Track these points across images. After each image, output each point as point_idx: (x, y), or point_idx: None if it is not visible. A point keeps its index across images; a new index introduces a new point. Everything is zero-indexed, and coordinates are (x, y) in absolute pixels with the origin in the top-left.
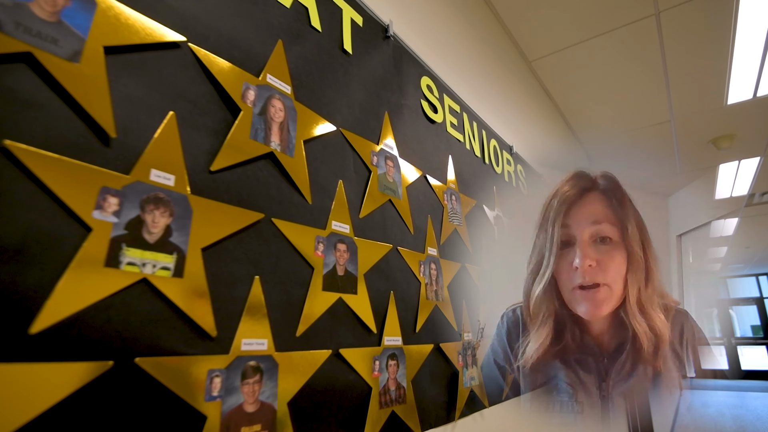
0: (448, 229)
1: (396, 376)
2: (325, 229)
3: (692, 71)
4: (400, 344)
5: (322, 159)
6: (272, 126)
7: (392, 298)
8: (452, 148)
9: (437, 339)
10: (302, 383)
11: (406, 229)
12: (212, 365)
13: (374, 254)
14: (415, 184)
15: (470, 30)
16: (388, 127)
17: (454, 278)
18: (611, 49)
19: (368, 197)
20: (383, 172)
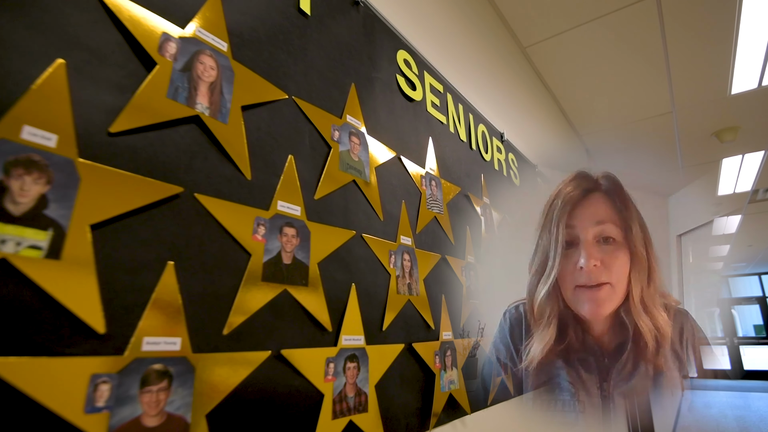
0: (426, 217)
1: (355, 381)
2: (269, 210)
3: (694, 58)
4: (361, 344)
5: (268, 130)
6: (199, 85)
7: (353, 291)
8: (433, 130)
9: (409, 338)
10: (228, 391)
11: (374, 214)
12: (97, 369)
13: (332, 241)
14: (387, 165)
15: (456, 8)
16: (355, 100)
17: (432, 271)
18: (610, 35)
19: (326, 176)
20: (346, 149)
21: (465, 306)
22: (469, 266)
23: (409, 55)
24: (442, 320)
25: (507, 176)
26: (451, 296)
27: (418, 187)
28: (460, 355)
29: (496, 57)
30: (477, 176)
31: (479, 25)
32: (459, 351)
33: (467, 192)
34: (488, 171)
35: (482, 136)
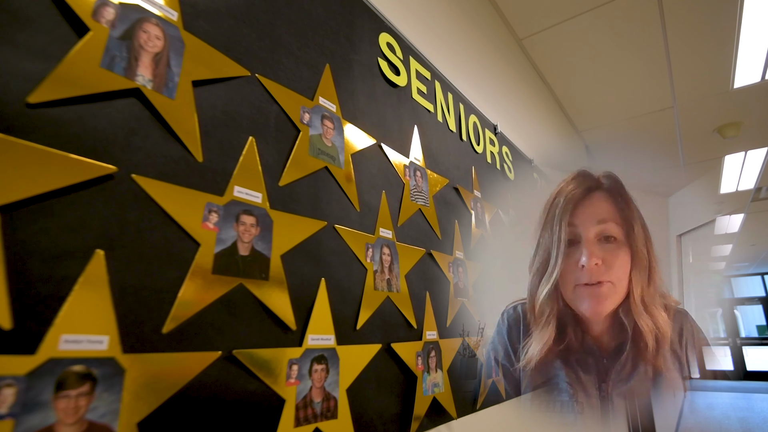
0: (409, 209)
1: (323, 385)
2: (223, 196)
3: (696, 51)
4: (331, 344)
5: (225, 108)
6: (141, 56)
7: (323, 286)
8: (419, 118)
9: (388, 338)
10: (166, 396)
11: (350, 204)
12: (3, 370)
13: (298, 231)
14: (366, 152)
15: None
16: (330, 82)
17: (416, 267)
18: (609, 26)
19: (293, 162)
20: (318, 133)
21: (452, 304)
22: (457, 262)
23: (393, 39)
24: (426, 319)
25: (500, 170)
26: (436, 293)
27: (401, 177)
28: (446, 355)
29: (490, 47)
30: (467, 168)
31: (472, 14)
32: (445, 351)
33: (456, 184)
34: (480, 163)
35: (474, 127)
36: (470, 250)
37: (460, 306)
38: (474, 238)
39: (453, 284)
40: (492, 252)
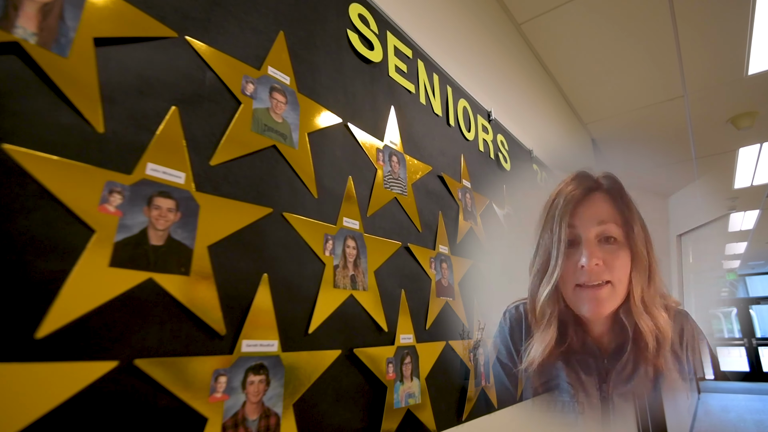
0: (382, 197)
1: (261, 399)
2: (131, 174)
3: (707, 35)
4: (274, 350)
5: (140, 72)
6: (23, 5)
7: (265, 283)
8: (397, 98)
9: (350, 342)
10: (36, 416)
11: (305, 189)
12: None
13: (233, 219)
14: (328, 132)
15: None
16: (283, 50)
17: (389, 262)
18: (614, 8)
19: (230, 138)
20: (265, 107)
21: (434, 304)
22: (440, 258)
23: (367, 11)
24: (401, 321)
25: (495, 159)
26: (414, 292)
27: (373, 161)
28: (425, 362)
29: (483, 31)
30: (455, 156)
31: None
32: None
33: (441, 172)
34: (470, 151)
35: (464, 112)
36: (457, 244)
37: (444, 306)
38: (461, 231)
39: (435, 282)
40: (483, 247)
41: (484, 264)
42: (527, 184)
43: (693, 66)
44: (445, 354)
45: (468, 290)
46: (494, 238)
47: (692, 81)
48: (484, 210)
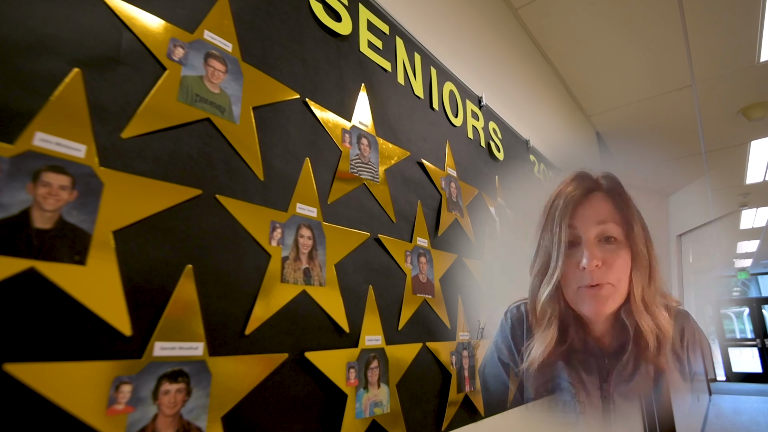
0: (347, 182)
1: (179, 411)
2: (13, 144)
3: (717, 18)
4: (199, 354)
5: (31, 27)
6: None
7: (188, 275)
8: (369, 76)
9: (302, 344)
10: None
11: (247, 170)
12: None
13: (148, 201)
14: (281, 108)
15: None
16: (226, 14)
17: (354, 255)
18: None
19: (149, 108)
20: (197, 75)
21: (409, 302)
22: (418, 251)
23: None
24: (367, 320)
25: (486, 148)
26: (385, 289)
27: (337, 143)
28: (396, 366)
29: (474, 13)
30: (438, 142)
31: None
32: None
33: (421, 158)
34: (457, 138)
35: (450, 96)
36: (438, 237)
37: (421, 305)
38: (444, 223)
39: (411, 277)
40: (471, 241)
41: (471, 259)
42: (523, 176)
43: (701, 53)
44: (422, 357)
45: (451, 287)
46: (484, 232)
47: (700, 69)
48: (472, 201)
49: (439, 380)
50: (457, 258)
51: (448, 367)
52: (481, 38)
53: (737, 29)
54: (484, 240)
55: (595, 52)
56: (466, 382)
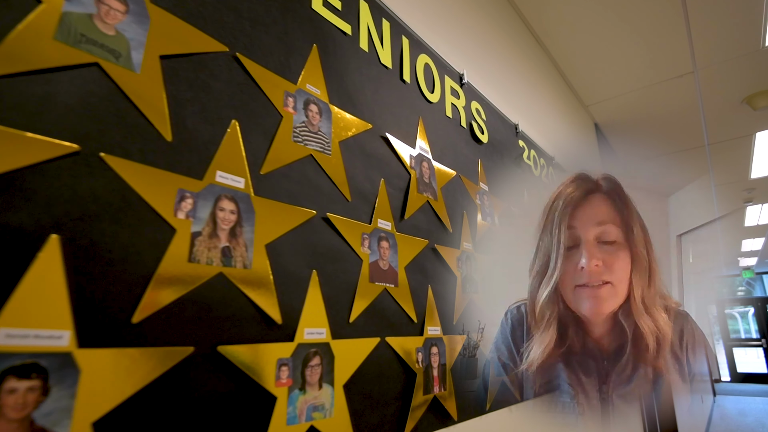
0: (287, 152)
1: (30, 415)
2: None
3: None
4: (63, 346)
5: None
6: None
7: (53, 251)
8: (323, 37)
9: (216, 337)
10: None
11: (151, 129)
12: None
13: (19, 159)
14: (203, 60)
15: None
16: None
17: (292, 235)
18: None
19: (12, 45)
20: (86, 12)
21: (364, 290)
22: (378, 234)
23: None
24: (307, 310)
25: (467, 128)
26: (334, 275)
27: (277, 107)
28: (344, 364)
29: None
30: (408, 117)
31: None
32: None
33: (385, 132)
34: (433, 115)
35: (426, 69)
36: (405, 220)
37: (380, 294)
38: (412, 205)
39: (368, 264)
40: (446, 226)
41: (446, 246)
42: (510, 161)
43: (703, 37)
44: (380, 354)
45: (419, 277)
46: (463, 219)
47: (703, 54)
48: (448, 184)
49: (401, 380)
50: (428, 245)
51: (413, 365)
52: (464, 15)
53: (741, 12)
54: (462, 227)
55: (591, 36)
56: (435, 383)
